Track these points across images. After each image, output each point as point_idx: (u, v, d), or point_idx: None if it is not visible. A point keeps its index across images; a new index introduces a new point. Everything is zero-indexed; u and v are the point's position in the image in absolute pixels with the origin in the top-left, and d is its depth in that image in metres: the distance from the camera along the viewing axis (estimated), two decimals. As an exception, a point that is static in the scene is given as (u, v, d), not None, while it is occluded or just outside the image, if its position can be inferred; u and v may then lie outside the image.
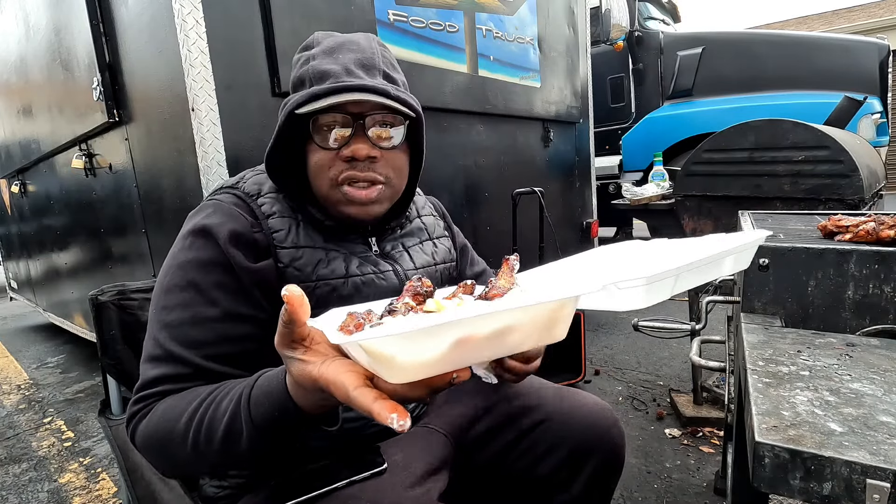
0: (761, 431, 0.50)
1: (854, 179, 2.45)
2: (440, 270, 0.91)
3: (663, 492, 1.59)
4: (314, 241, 0.75)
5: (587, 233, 3.64)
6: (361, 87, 0.71)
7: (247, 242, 0.70)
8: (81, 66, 1.91)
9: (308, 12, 1.67)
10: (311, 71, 0.73)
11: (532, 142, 2.99)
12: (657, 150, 4.53)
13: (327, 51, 0.75)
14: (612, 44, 4.78)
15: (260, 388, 0.55)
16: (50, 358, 3.54)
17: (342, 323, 0.48)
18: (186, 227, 0.72)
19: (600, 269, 0.71)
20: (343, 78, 0.72)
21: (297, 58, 0.79)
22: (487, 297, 0.55)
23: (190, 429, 0.58)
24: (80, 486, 1.89)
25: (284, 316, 0.45)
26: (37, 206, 3.22)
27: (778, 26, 15.78)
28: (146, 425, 0.63)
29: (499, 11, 2.59)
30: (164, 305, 0.68)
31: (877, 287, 0.90)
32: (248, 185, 0.77)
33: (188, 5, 1.38)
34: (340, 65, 0.73)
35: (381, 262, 0.81)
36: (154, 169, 1.79)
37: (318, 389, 0.47)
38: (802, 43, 4.42)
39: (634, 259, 0.73)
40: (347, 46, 0.76)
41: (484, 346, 0.45)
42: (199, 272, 0.68)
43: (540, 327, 0.50)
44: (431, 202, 1.03)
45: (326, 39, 0.78)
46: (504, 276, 0.58)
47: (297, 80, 0.76)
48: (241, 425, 0.55)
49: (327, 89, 0.70)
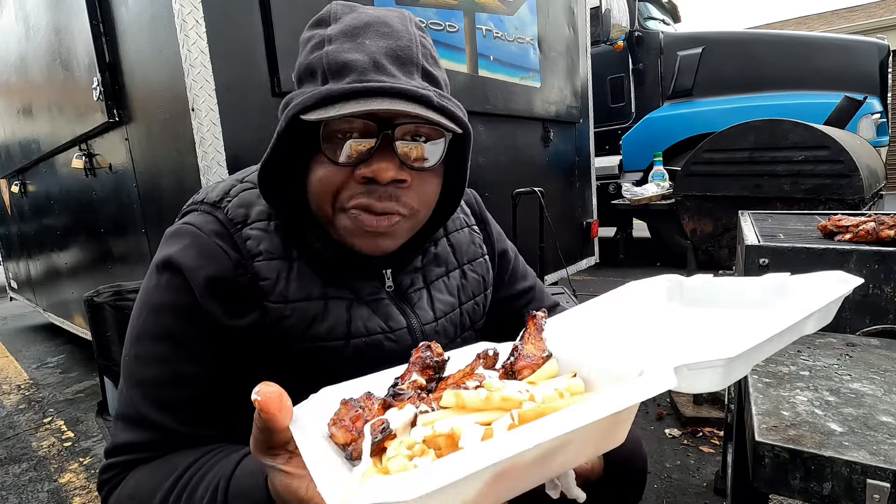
0: (761, 431, 0.50)
1: (854, 179, 2.44)
2: (467, 311, 0.74)
3: (663, 492, 1.59)
4: (309, 290, 0.60)
5: (587, 233, 3.64)
6: (395, 90, 0.53)
7: (227, 290, 0.57)
8: (81, 66, 1.91)
9: (308, 12, 1.65)
10: (326, 59, 0.55)
11: (532, 142, 2.99)
12: (657, 150, 4.53)
13: (349, 32, 0.57)
14: (612, 44, 4.79)
15: (238, 486, 0.47)
16: (50, 358, 3.54)
17: (335, 415, 0.39)
18: (159, 256, 0.59)
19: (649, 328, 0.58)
20: (370, 75, 0.54)
21: (307, 36, 0.61)
22: (514, 370, 0.45)
23: None
24: (80, 486, 1.89)
25: (259, 421, 0.37)
26: (37, 206, 3.22)
27: (778, 26, 15.78)
28: (117, 498, 0.56)
29: (499, 11, 2.59)
30: (138, 355, 0.58)
31: (877, 287, 0.90)
32: (232, 207, 0.61)
33: (188, 5, 1.38)
34: (366, 55, 0.55)
35: (395, 314, 0.65)
36: (154, 169, 1.79)
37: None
38: (802, 43, 4.42)
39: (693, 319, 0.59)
40: (376, 28, 0.57)
41: (527, 473, 0.35)
42: (175, 321, 0.57)
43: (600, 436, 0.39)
44: (466, 202, 0.81)
45: (348, 15, 0.59)
46: (532, 341, 0.47)
47: (306, 68, 0.58)
48: None
49: (347, 90, 0.52)
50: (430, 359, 0.44)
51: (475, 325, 0.76)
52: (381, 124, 0.54)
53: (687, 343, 0.52)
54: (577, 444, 0.36)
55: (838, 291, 0.48)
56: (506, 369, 0.45)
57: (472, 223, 0.80)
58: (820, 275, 0.52)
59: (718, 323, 0.55)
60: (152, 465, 0.55)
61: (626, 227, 5.39)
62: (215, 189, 0.64)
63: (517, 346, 0.47)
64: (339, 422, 0.40)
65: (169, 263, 0.57)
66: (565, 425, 0.31)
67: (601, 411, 0.33)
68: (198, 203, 0.64)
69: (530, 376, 0.44)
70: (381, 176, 0.54)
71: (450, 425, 0.36)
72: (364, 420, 0.39)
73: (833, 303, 0.48)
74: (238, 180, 0.66)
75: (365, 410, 0.40)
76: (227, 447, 0.55)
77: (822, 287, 0.51)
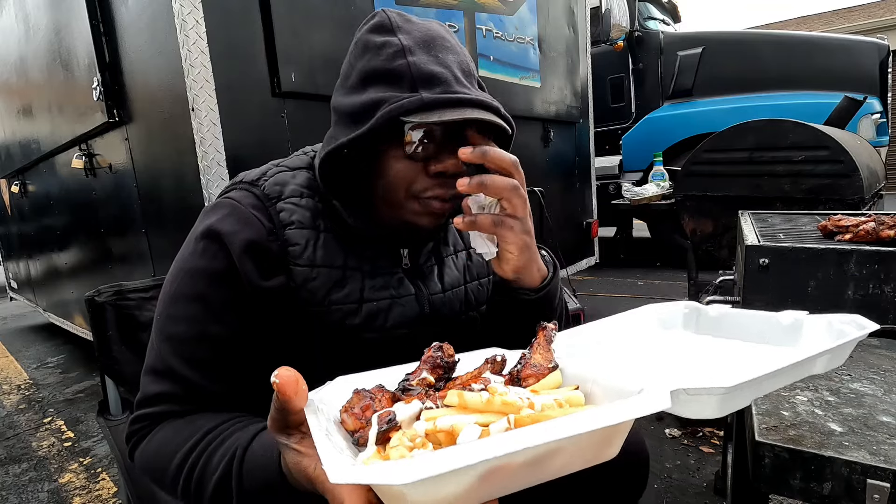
0: (761, 431, 0.50)
1: (854, 179, 2.45)
2: (471, 290, 0.80)
3: (663, 492, 1.59)
4: (333, 259, 0.68)
5: (587, 233, 3.64)
6: (476, 101, 0.62)
7: (261, 253, 0.64)
8: (81, 66, 1.91)
9: (308, 12, 1.67)
10: (414, 69, 0.62)
11: (532, 142, 2.99)
12: (657, 150, 4.53)
13: (422, 45, 0.65)
14: (612, 44, 4.79)
15: (254, 457, 0.52)
16: (50, 358, 3.54)
17: (347, 403, 0.43)
18: (199, 228, 0.66)
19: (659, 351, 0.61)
20: (454, 87, 0.63)
21: (373, 40, 0.66)
22: (519, 377, 0.47)
23: (181, 476, 0.57)
24: (80, 486, 1.89)
25: (276, 402, 0.41)
26: (37, 206, 3.22)
27: (778, 26, 15.78)
28: (143, 452, 0.62)
29: (499, 11, 2.59)
30: (171, 315, 0.64)
31: (877, 287, 0.90)
32: (269, 184, 0.69)
33: (188, 5, 1.38)
34: (446, 69, 0.64)
35: (405, 283, 0.73)
36: (154, 169, 1.79)
37: (314, 488, 0.43)
38: (802, 43, 4.42)
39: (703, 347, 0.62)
40: (441, 43, 0.66)
41: (519, 475, 0.37)
42: (210, 286, 0.63)
43: (591, 447, 0.41)
44: None
45: (409, 25, 0.67)
46: (540, 351, 0.50)
47: (386, 72, 0.64)
48: (232, 491, 0.53)
49: (443, 100, 0.61)
50: (441, 359, 0.46)
51: (479, 308, 0.81)
52: (452, 131, 0.63)
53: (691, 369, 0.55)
54: (568, 452, 0.38)
55: (851, 335, 0.49)
56: (512, 376, 0.47)
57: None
58: (837, 317, 0.53)
59: (727, 353, 0.57)
60: (177, 424, 0.61)
61: (626, 227, 5.39)
62: (253, 172, 0.73)
63: (525, 354, 0.49)
64: (350, 409, 0.42)
65: (208, 232, 0.64)
66: (556, 433, 0.33)
67: (593, 423, 0.34)
68: (237, 183, 0.72)
69: (534, 385, 0.46)
70: (451, 170, 0.63)
71: (450, 422, 0.37)
72: (373, 410, 0.42)
73: (846, 345, 0.49)
74: (274, 164, 0.74)
75: (375, 401, 0.43)
76: (248, 418, 0.60)
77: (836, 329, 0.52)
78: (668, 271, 4.57)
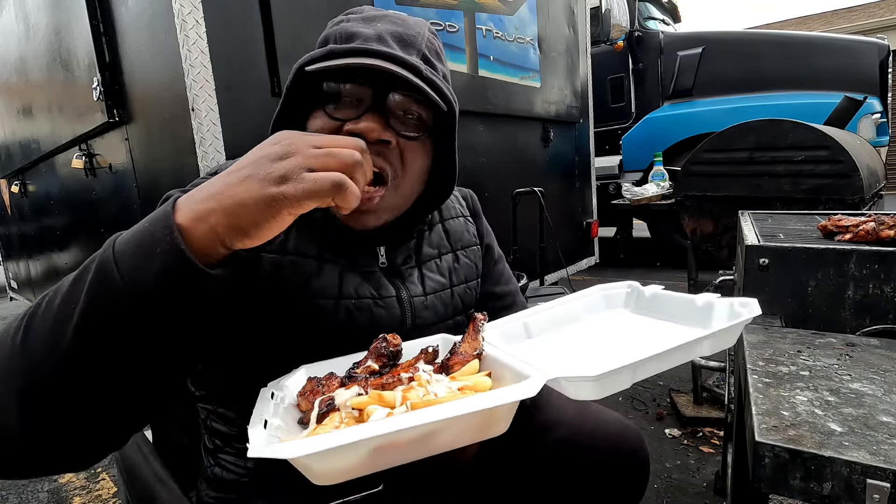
0: (761, 431, 0.50)
1: (854, 179, 2.44)
2: (458, 293, 0.77)
3: (663, 492, 1.59)
4: (307, 249, 0.65)
5: (587, 233, 3.64)
6: (390, 55, 0.59)
7: None
8: (81, 66, 1.91)
9: (308, 12, 1.67)
10: (338, 31, 0.63)
11: (532, 142, 2.99)
12: (657, 150, 4.53)
13: (366, 18, 0.65)
14: (612, 44, 4.79)
15: (133, 231, 0.48)
16: (50, 358, 3.54)
17: (302, 388, 0.50)
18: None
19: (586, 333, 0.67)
20: (372, 43, 0.60)
21: (330, 22, 0.69)
22: (448, 365, 0.53)
23: (24, 317, 0.46)
24: (80, 486, 1.89)
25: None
26: (37, 206, 3.22)
27: (778, 26, 15.78)
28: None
29: (499, 11, 2.59)
30: None
31: (877, 287, 0.90)
32: None
33: (188, 5, 1.38)
34: (374, 30, 0.62)
35: (385, 284, 0.69)
36: (154, 169, 1.79)
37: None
38: (802, 43, 4.42)
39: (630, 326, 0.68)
40: (391, 18, 0.65)
41: (409, 449, 0.43)
42: None
43: (474, 427, 0.46)
44: (462, 196, 0.87)
45: (371, 10, 0.68)
46: (468, 340, 0.55)
47: (322, 40, 0.65)
48: (87, 275, 0.45)
49: (349, 49, 0.59)
50: (385, 348, 0.52)
51: (468, 311, 0.79)
52: (377, 93, 0.60)
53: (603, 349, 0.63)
54: (452, 431, 0.44)
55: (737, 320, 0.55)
56: (442, 364, 0.54)
57: (467, 214, 0.85)
58: (738, 300, 0.59)
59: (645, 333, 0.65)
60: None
61: (626, 227, 5.39)
62: (228, 162, 0.69)
63: (456, 343, 0.56)
64: (303, 394, 0.49)
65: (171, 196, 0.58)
66: (433, 416, 0.40)
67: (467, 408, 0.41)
68: (210, 173, 0.68)
69: (458, 371, 0.53)
70: (368, 133, 0.59)
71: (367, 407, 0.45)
72: (321, 394, 0.49)
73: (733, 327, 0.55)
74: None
75: (323, 387, 0.49)
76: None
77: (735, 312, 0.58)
78: (668, 271, 4.57)
